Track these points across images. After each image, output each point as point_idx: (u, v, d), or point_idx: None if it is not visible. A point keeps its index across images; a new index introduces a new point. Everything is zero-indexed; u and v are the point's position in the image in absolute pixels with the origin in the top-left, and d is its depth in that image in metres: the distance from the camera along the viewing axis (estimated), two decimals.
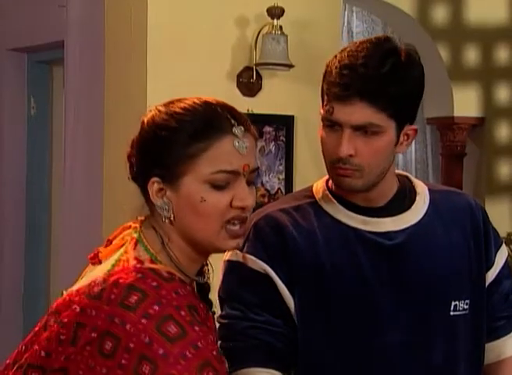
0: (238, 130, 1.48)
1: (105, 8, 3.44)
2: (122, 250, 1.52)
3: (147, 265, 1.44)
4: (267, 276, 1.68)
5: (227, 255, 1.73)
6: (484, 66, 5.07)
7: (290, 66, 3.35)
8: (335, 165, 1.65)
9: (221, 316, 1.70)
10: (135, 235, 1.54)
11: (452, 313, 1.71)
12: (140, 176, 1.57)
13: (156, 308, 1.36)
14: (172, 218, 1.46)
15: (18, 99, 4.44)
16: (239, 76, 3.38)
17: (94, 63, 3.50)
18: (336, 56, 1.66)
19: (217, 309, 1.63)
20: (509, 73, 5.11)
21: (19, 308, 4.28)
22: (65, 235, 3.66)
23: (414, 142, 6.22)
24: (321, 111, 1.69)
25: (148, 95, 3.23)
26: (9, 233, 4.29)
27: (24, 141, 4.36)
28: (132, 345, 1.34)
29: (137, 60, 3.28)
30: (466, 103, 5.04)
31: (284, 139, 3.47)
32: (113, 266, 1.47)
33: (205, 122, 1.48)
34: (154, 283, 1.40)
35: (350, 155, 1.63)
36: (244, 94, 3.39)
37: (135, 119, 3.72)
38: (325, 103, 1.66)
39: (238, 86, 3.38)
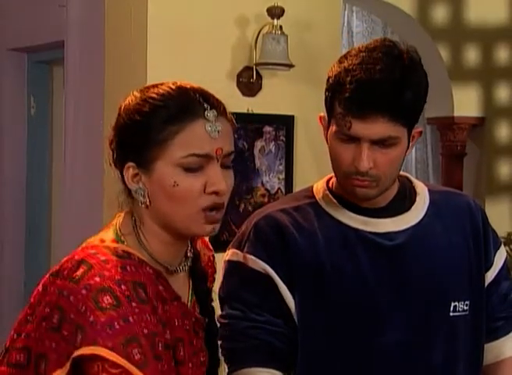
0: (210, 113, 1.49)
1: (105, 9, 3.44)
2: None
3: (107, 244, 1.47)
4: (267, 276, 1.68)
5: (227, 256, 1.74)
6: (484, 65, 5.07)
7: (290, 66, 3.35)
8: (351, 176, 1.65)
9: (221, 316, 1.70)
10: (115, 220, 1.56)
11: (452, 314, 1.72)
12: (118, 162, 1.57)
13: (97, 279, 1.37)
14: (147, 203, 1.48)
15: (18, 99, 4.44)
16: (239, 75, 3.38)
17: (94, 63, 3.50)
18: (342, 64, 1.64)
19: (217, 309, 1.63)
20: (509, 72, 5.11)
21: (20, 307, 4.27)
22: (65, 235, 3.66)
23: None
24: (321, 121, 1.68)
25: None
26: (9, 233, 4.29)
27: (24, 141, 4.37)
28: (72, 316, 1.36)
29: (137, 60, 3.28)
30: (466, 103, 5.04)
31: (284, 139, 3.46)
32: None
33: (178, 106, 1.48)
34: (103, 258, 1.41)
35: (370, 168, 1.63)
36: (244, 94, 3.39)
37: None
38: (338, 116, 1.63)
39: (238, 86, 3.38)
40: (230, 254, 1.73)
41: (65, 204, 3.64)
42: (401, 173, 1.82)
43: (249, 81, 3.39)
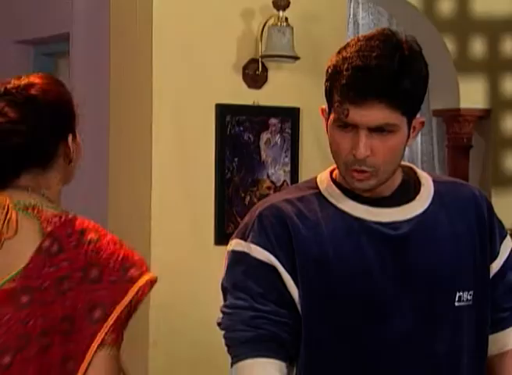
0: None
1: (110, 1, 3.44)
2: None
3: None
4: (272, 266, 1.68)
5: (231, 246, 1.73)
6: (490, 57, 5.06)
7: (296, 58, 3.34)
8: (350, 167, 1.65)
9: (225, 306, 1.70)
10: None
11: (457, 304, 1.71)
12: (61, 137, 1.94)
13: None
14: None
15: None
16: (244, 68, 3.37)
17: (99, 55, 3.50)
18: (340, 54, 1.64)
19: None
20: None
21: None
22: None
23: (420, 134, 6.19)
24: (322, 113, 1.68)
25: (154, 87, 3.23)
26: None
27: None
28: None
29: (143, 52, 3.28)
30: (472, 95, 5.03)
31: (290, 131, 3.46)
32: None
33: None
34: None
35: (367, 156, 1.63)
36: (250, 86, 3.38)
37: (141, 109, 3.74)
38: (336, 104, 1.64)
39: (244, 78, 3.37)
40: (234, 244, 1.72)
41: (71, 195, 3.64)
42: (405, 163, 1.82)
43: (254, 73, 3.38)
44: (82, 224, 1.83)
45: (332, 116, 1.65)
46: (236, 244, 1.72)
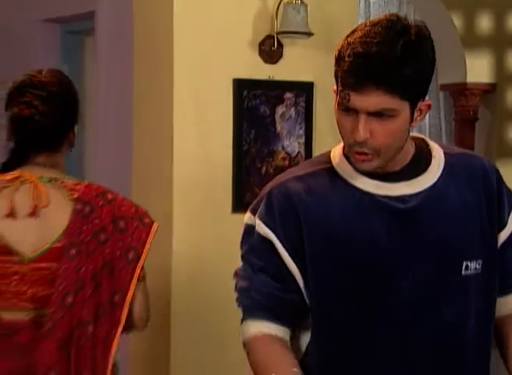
0: None
1: None
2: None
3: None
4: (270, 241, 1.70)
5: (245, 218, 1.77)
6: (496, 33, 5.01)
7: (310, 35, 3.32)
8: (352, 148, 1.65)
9: (234, 272, 1.77)
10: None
11: (464, 273, 1.70)
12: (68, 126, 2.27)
13: None
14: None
15: (52, 67, 4.43)
16: (261, 44, 3.36)
17: (122, 32, 3.48)
18: (346, 39, 1.62)
19: None
20: None
21: None
22: None
23: None
24: (333, 92, 1.67)
25: (175, 63, 3.22)
26: None
27: None
28: None
29: (164, 29, 3.27)
30: (478, 69, 4.99)
31: (304, 105, 3.44)
32: None
33: None
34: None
35: (367, 138, 1.62)
36: (266, 61, 3.37)
37: (163, 82, 3.73)
38: (340, 89, 1.63)
39: (260, 54, 3.36)
40: (247, 217, 1.77)
41: (97, 164, 3.65)
42: (418, 135, 1.81)
43: (270, 49, 3.37)
44: (99, 188, 2.20)
45: (337, 100, 1.65)
46: (247, 217, 1.76)
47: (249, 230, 1.75)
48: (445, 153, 1.76)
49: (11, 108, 2.20)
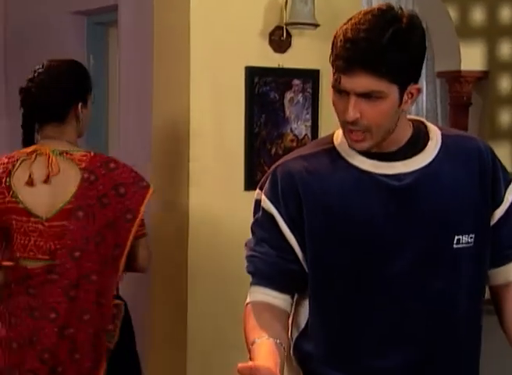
0: None
1: None
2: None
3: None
4: (272, 215, 1.70)
5: (255, 194, 1.78)
6: (489, 24, 4.96)
7: (317, 25, 3.30)
8: (345, 127, 1.64)
9: (245, 243, 1.78)
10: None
11: (455, 246, 1.68)
12: (72, 103, 2.50)
13: None
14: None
15: (79, 57, 4.40)
16: (271, 34, 3.34)
17: (144, 24, 3.47)
18: (342, 27, 1.62)
19: None
20: None
21: None
22: None
23: (424, 94, 6.13)
24: (331, 78, 1.66)
25: (191, 51, 3.21)
26: None
27: None
28: None
29: (182, 21, 3.25)
30: (472, 58, 4.95)
31: (310, 91, 3.43)
32: None
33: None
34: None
35: (357, 118, 1.61)
36: (275, 50, 3.35)
37: (180, 71, 3.72)
38: (333, 72, 1.63)
39: (270, 43, 3.34)
40: (256, 193, 1.77)
41: (121, 145, 3.65)
42: (417, 118, 1.79)
43: (279, 39, 3.34)
44: (102, 158, 2.41)
45: (331, 83, 1.65)
46: (256, 193, 1.77)
47: (257, 204, 1.76)
48: (442, 134, 1.74)
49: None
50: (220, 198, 3.27)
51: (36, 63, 2.85)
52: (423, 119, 1.78)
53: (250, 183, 3.27)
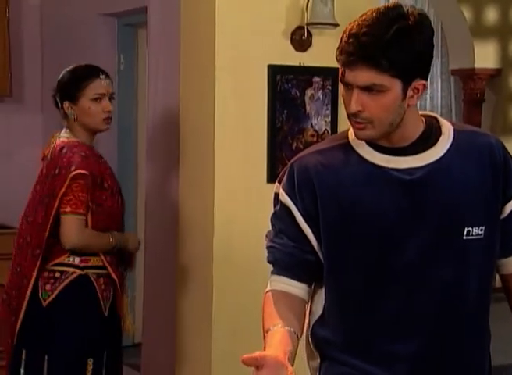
0: (102, 76, 2.82)
1: None
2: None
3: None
4: (288, 207, 1.69)
5: (274, 188, 1.76)
6: (501, 24, 4.90)
7: (336, 25, 3.26)
8: (351, 118, 1.63)
9: (265, 234, 1.77)
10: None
11: (465, 238, 1.65)
12: (60, 102, 2.85)
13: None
14: (76, 118, 2.80)
15: (110, 56, 4.43)
16: (292, 34, 3.31)
17: (171, 25, 3.46)
18: (349, 24, 1.61)
19: None
20: None
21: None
22: (148, 165, 3.67)
23: (439, 90, 6.07)
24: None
25: (216, 50, 3.20)
26: None
27: (115, 90, 4.34)
28: None
29: (207, 22, 3.24)
30: (485, 56, 4.89)
31: (330, 88, 3.40)
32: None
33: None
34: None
35: (359, 111, 1.59)
36: (297, 49, 3.33)
37: (205, 69, 3.70)
38: (340, 66, 1.62)
39: (292, 43, 3.31)
40: (275, 186, 1.76)
41: (148, 137, 3.65)
42: (430, 113, 1.75)
43: (301, 39, 3.32)
44: (61, 144, 2.75)
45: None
46: (276, 186, 1.75)
47: (275, 197, 1.75)
48: (455, 130, 1.71)
49: None
50: (245, 190, 3.26)
51: (70, 63, 2.89)
52: (436, 115, 1.75)
53: (273, 176, 3.25)
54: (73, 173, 2.66)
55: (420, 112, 1.72)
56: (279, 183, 1.74)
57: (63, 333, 2.71)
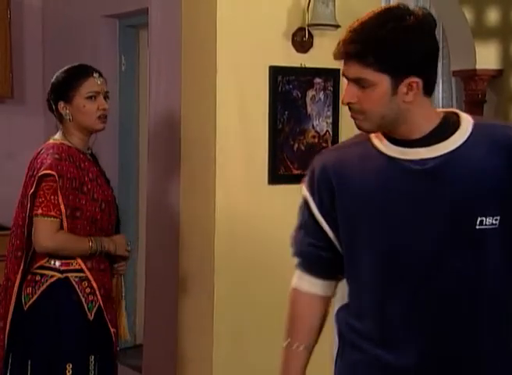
0: (96, 74, 2.80)
1: None
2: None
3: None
4: (307, 201, 1.78)
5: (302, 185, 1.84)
6: (503, 25, 4.90)
7: (337, 27, 3.26)
8: (349, 110, 1.70)
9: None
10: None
11: (478, 227, 1.64)
12: (53, 103, 2.81)
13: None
14: (71, 118, 2.77)
15: (111, 58, 4.43)
16: (293, 35, 3.30)
17: (172, 26, 3.45)
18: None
19: None
20: None
21: None
22: (150, 167, 3.66)
23: (441, 91, 6.05)
24: None
25: (218, 51, 3.19)
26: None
27: (117, 91, 4.36)
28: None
29: (209, 23, 3.24)
30: (486, 57, 4.89)
31: (331, 89, 3.39)
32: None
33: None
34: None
35: (350, 102, 1.66)
36: (298, 50, 3.32)
37: (207, 70, 3.69)
38: None
39: (293, 44, 3.31)
40: (302, 184, 1.84)
41: (150, 138, 3.64)
42: (451, 109, 1.77)
43: (302, 40, 3.31)
44: (44, 147, 2.75)
45: None
46: (302, 184, 1.84)
47: (301, 193, 1.84)
48: (474, 124, 1.71)
49: None
50: (246, 191, 3.25)
51: (73, 62, 2.88)
52: (458, 111, 1.76)
53: (274, 178, 3.24)
54: (40, 173, 2.64)
55: (442, 109, 1.76)
56: (303, 179, 1.83)
57: (42, 338, 2.66)
